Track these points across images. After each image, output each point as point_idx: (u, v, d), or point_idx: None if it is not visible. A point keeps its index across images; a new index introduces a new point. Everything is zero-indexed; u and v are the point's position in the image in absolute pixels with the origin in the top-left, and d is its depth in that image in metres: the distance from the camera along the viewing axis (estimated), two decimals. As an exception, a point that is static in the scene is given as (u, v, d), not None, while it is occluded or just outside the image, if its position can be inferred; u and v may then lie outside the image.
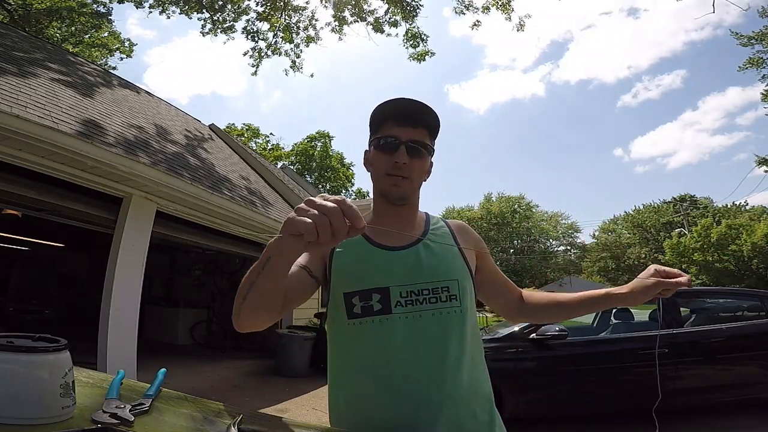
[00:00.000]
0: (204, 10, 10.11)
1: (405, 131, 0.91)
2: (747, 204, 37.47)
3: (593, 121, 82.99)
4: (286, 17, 10.20)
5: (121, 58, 15.43)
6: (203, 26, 10.36)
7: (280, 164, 27.75)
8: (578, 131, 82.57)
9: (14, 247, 8.26)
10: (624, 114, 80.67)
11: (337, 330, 0.91)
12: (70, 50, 10.83)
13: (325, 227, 0.54)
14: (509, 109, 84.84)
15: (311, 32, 10.39)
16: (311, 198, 0.58)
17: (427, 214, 1.08)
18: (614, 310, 4.99)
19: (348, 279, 0.89)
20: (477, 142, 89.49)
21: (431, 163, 0.98)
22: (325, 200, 0.56)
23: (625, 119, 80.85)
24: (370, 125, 0.97)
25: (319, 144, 35.05)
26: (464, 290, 0.90)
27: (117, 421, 0.63)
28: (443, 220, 1.07)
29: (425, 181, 0.98)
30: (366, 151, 1.02)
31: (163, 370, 0.87)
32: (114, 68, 14.64)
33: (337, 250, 0.93)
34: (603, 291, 0.97)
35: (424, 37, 9.93)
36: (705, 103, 73.63)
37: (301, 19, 10.30)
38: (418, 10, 9.49)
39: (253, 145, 31.36)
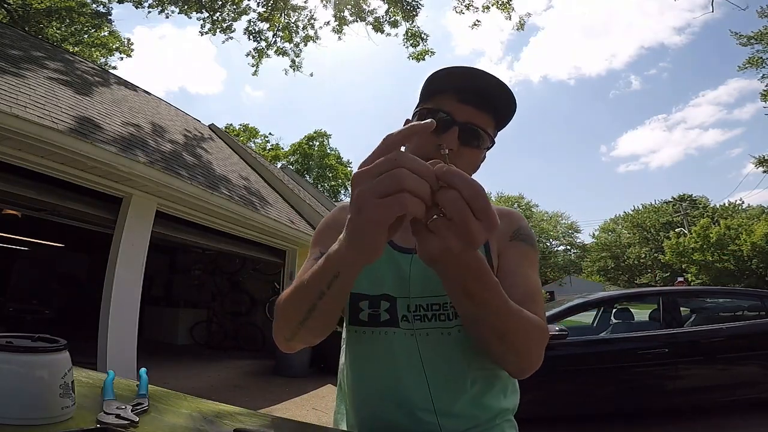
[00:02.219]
0: (203, 10, 10.11)
1: (464, 110, 0.71)
2: (743, 203, 37.65)
3: (580, 118, 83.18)
4: (286, 17, 10.21)
5: (121, 58, 15.43)
6: (202, 26, 10.37)
7: (279, 164, 27.77)
8: (567, 128, 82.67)
9: (14, 247, 8.26)
10: (611, 110, 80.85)
11: (346, 328, 0.85)
12: (70, 50, 10.83)
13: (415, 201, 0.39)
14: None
15: (310, 32, 10.41)
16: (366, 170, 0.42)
17: None
18: (614, 310, 5.00)
19: (359, 278, 0.79)
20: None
21: (485, 156, 0.78)
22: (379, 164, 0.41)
23: (613, 115, 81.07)
24: (421, 92, 0.77)
25: (317, 143, 35.08)
26: None
27: (126, 422, 0.63)
28: None
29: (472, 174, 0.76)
30: (407, 120, 0.82)
31: (144, 369, 0.86)
32: (114, 68, 14.67)
33: None
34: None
35: (424, 36, 9.94)
36: (695, 100, 73.87)
37: (300, 18, 10.31)
38: (418, 10, 9.51)
39: (252, 145, 31.38)
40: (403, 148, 0.48)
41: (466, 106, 0.71)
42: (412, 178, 0.39)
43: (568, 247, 50.15)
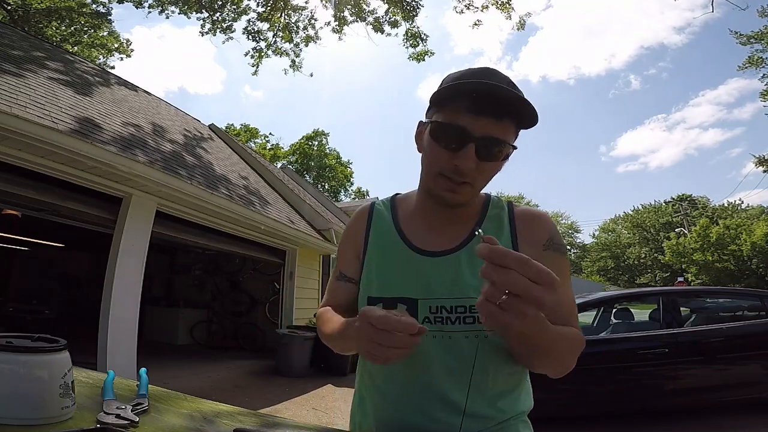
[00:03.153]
0: (203, 10, 10.12)
1: (481, 123, 0.66)
2: (742, 203, 37.71)
3: (579, 118, 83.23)
4: (286, 17, 10.22)
5: (121, 58, 15.42)
6: (202, 26, 10.38)
7: (279, 164, 27.76)
8: (566, 128, 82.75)
9: (14, 247, 8.26)
10: (610, 109, 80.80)
11: None
12: (70, 50, 10.83)
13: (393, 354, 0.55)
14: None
15: (310, 32, 10.42)
16: (377, 328, 0.55)
17: (488, 197, 0.83)
18: (614, 310, 5.00)
19: (374, 282, 0.80)
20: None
21: (507, 158, 0.74)
22: (390, 330, 0.54)
23: (612, 115, 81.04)
24: (432, 97, 0.72)
25: (316, 143, 35.06)
26: None
27: (126, 422, 0.63)
28: (508, 208, 0.81)
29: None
30: (421, 122, 0.77)
31: (144, 369, 0.87)
32: (112, 67, 14.66)
33: (371, 243, 0.83)
34: None
35: (424, 37, 9.95)
36: (695, 100, 73.86)
37: (300, 18, 10.32)
38: (418, 10, 9.51)
39: (252, 145, 31.38)
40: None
41: (482, 118, 0.66)
42: (394, 350, 0.54)
43: (568, 247, 50.20)
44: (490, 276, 0.46)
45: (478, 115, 0.66)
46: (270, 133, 41.10)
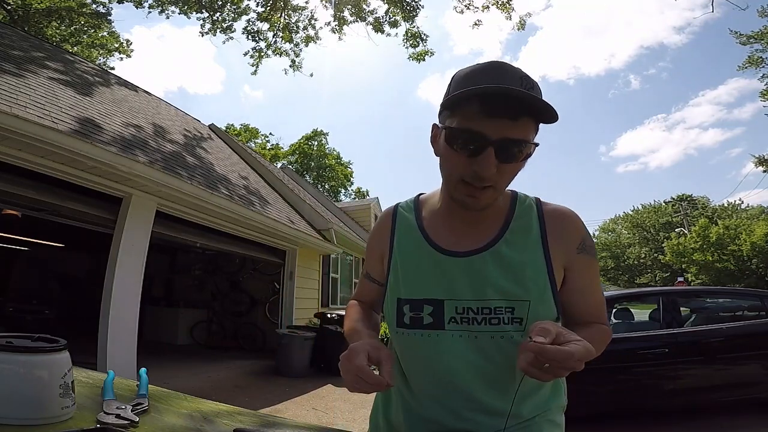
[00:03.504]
0: (203, 10, 10.12)
1: (497, 125, 0.64)
2: (742, 203, 37.75)
3: (579, 118, 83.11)
4: (286, 17, 10.22)
5: (121, 59, 15.42)
6: (202, 26, 10.38)
7: (279, 164, 27.74)
8: (566, 128, 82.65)
9: (14, 247, 8.26)
10: (610, 109, 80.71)
11: (390, 331, 0.85)
12: (70, 50, 10.83)
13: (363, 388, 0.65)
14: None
15: (310, 32, 10.41)
16: (358, 368, 0.64)
17: (514, 195, 0.82)
18: (614, 310, 5.00)
19: (401, 284, 0.81)
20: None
21: (531, 153, 0.71)
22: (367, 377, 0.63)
23: (612, 115, 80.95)
24: (444, 99, 0.70)
25: (315, 143, 35.01)
26: (535, 314, 0.72)
27: (126, 422, 0.63)
28: (537, 206, 0.80)
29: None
30: (435, 125, 0.76)
31: (144, 369, 0.87)
32: (112, 68, 14.65)
33: (396, 246, 0.84)
34: None
35: (424, 37, 9.95)
36: (695, 100, 73.82)
37: (300, 18, 10.32)
38: (417, 10, 9.51)
39: (252, 145, 31.34)
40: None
41: (498, 119, 0.64)
42: (359, 383, 0.63)
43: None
44: (536, 362, 0.57)
45: (492, 117, 0.64)
46: (270, 133, 41.11)
